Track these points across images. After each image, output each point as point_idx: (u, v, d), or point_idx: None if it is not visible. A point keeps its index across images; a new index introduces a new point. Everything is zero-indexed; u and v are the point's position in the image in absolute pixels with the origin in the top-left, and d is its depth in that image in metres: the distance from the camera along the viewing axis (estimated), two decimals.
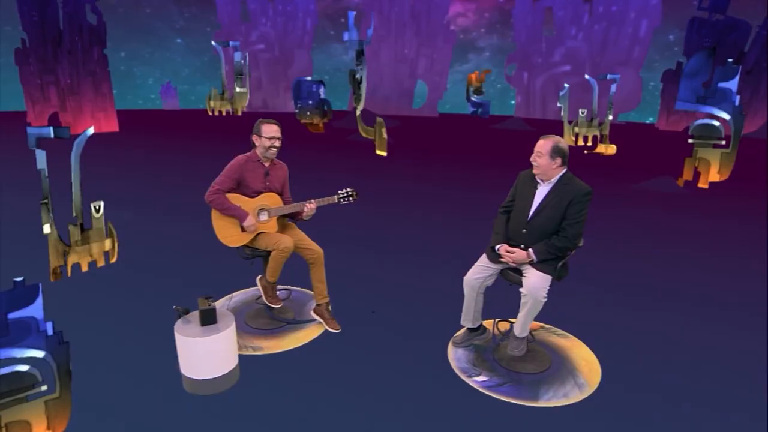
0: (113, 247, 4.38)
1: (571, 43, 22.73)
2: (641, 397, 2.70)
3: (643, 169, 9.28)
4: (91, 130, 4.09)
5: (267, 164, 3.37)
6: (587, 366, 2.93)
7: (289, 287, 4.03)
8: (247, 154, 3.30)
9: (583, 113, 11.79)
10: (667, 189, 7.90)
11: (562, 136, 9.08)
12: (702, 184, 7.96)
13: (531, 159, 2.88)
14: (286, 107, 25.09)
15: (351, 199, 3.35)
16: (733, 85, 7.53)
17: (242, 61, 20.53)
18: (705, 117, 7.96)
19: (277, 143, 3.28)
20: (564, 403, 2.60)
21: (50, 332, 2.10)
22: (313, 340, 3.22)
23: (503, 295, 3.36)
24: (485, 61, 34.64)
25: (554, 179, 2.87)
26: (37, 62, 13.82)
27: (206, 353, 2.61)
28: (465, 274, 3.11)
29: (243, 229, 3.24)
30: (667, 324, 3.51)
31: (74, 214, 4.11)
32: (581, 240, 2.92)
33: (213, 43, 21.89)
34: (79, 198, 4.11)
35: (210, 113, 20.68)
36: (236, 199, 3.24)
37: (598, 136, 12.00)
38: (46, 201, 3.86)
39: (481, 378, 2.81)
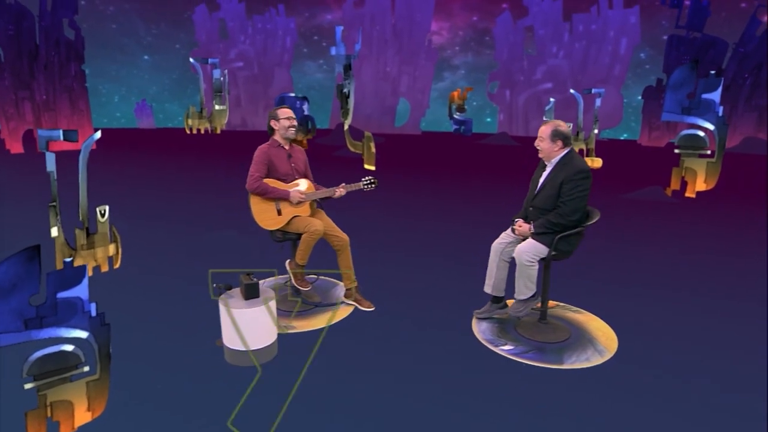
0: (117, 252, 4.48)
1: (552, 61, 23.51)
2: (658, 358, 3.09)
3: (630, 181, 9.67)
4: (98, 135, 4.22)
5: (287, 147, 3.79)
6: (604, 336, 3.33)
7: (315, 274, 4.35)
8: (267, 142, 3.68)
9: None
10: (656, 198, 8.27)
11: None
12: (689, 194, 8.34)
13: (535, 144, 3.29)
14: (265, 126, 25.29)
15: (373, 185, 3.74)
16: (716, 96, 7.98)
17: (221, 79, 20.70)
18: (688, 128, 8.40)
19: (294, 122, 3.65)
20: (587, 366, 2.90)
21: (93, 313, 2.22)
22: (342, 320, 3.55)
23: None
24: (461, 79, 35.47)
25: (555, 160, 3.25)
26: (12, 77, 13.80)
27: (249, 324, 2.84)
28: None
29: (279, 212, 3.53)
30: (674, 302, 3.89)
31: (80, 218, 4.21)
32: (585, 218, 3.25)
33: (191, 60, 22.05)
34: (85, 202, 4.22)
35: (188, 131, 20.72)
36: (274, 183, 3.59)
37: (584, 150, 12.43)
38: (54, 204, 3.96)
39: (508, 347, 3.13)
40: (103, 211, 4.30)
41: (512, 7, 25.29)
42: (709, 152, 8.21)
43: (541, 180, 3.36)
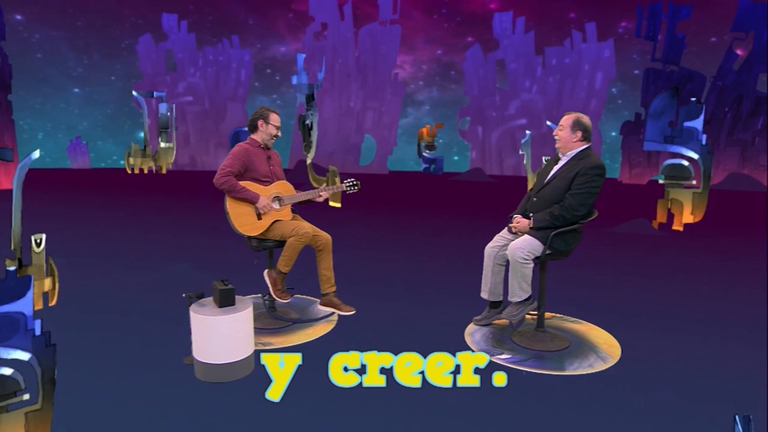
0: (54, 287, 4.33)
1: (525, 95, 24.40)
2: (667, 364, 3.29)
3: (613, 216, 9.97)
4: (36, 154, 4.15)
5: (266, 149, 3.97)
6: (606, 343, 3.41)
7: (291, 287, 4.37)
8: (247, 141, 3.77)
9: (546, 160, 12.63)
10: (644, 231, 8.53)
11: (525, 187, 9.69)
12: (676, 226, 8.64)
13: (553, 133, 3.45)
14: (217, 164, 25.16)
15: (356, 188, 3.86)
16: (698, 124, 8.42)
17: (168, 114, 20.71)
18: (671, 158, 8.79)
19: (279, 134, 3.79)
20: (590, 371, 2.97)
21: (38, 332, 2.14)
22: (324, 335, 3.54)
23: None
24: (425, 115, 36.32)
25: (572, 153, 3.38)
26: None
27: (225, 334, 2.82)
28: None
29: (259, 217, 3.53)
30: (675, 324, 4.03)
31: (12, 247, 4.07)
32: (592, 213, 3.36)
33: (134, 93, 22.05)
34: (18, 228, 4.10)
35: (129, 171, 20.48)
36: (250, 186, 3.62)
37: None
38: None
39: (505, 355, 3.17)
40: (38, 240, 4.18)
41: (481, 40, 26.35)
42: (694, 182, 8.57)
43: (553, 171, 3.49)
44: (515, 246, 3.30)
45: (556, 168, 3.50)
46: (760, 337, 3.96)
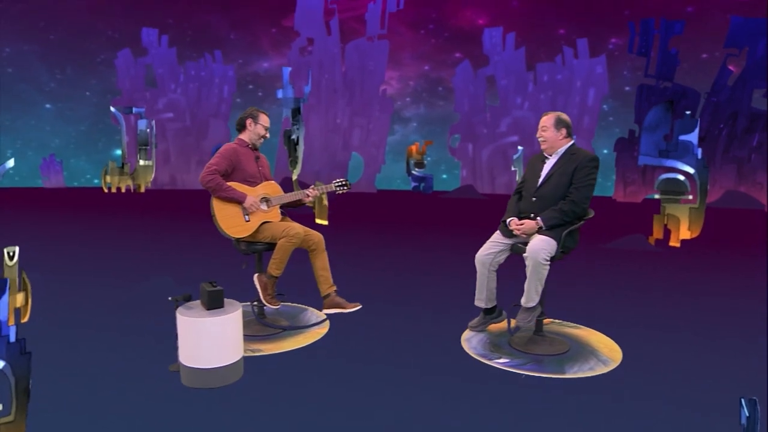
0: (26, 303, 4.28)
1: (517, 112, 24.67)
2: (669, 368, 3.36)
3: (608, 232, 10.04)
4: (11, 163, 4.13)
5: (254, 150, 4.02)
6: (607, 347, 3.42)
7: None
8: (235, 141, 3.81)
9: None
10: (640, 247, 8.59)
11: None
12: (673, 243, 8.72)
13: (537, 135, 3.56)
14: (198, 184, 25.15)
15: (345, 188, 3.92)
16: (693, 137, 8.56)
17: (148, 130, 20.70)
18: (666, 172, 8.91)
19: (268, 136, 3.85)
20: (591, 374, 2.98)
21: (12, 338, 2.11)
22: (316, 341, 3.54)
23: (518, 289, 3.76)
24: (412, 133, 36.48)
25: (561, 150, 3.47)
26: None
27: (213, 337, 2.81)
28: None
29: (247, 218, 3.54)
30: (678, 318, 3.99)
31: None
32: (589, 207, 3.42)
33: (112, 109, 22.04)
34: None
35: (106, 190, 20.37)
36: (237, 186, 3.64)
37: None
38: None
39: (503, 360, 3.18)
40: (11, 253, 4.14)
41: (471, 55, 26.67)
42: (691, 197, 8.68)
43: (546, 170, 3.55)
44: (536, 247, 3.33)
45: (547, 167, 3.58)
46: (761, 343, 4.01)
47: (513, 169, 13.49)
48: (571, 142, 3.59)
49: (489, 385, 3.02)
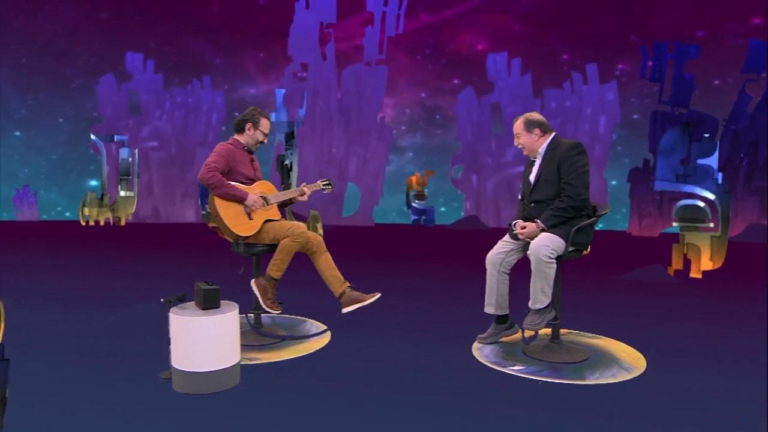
0: None
1: None
2: (695, 374, 3.40)
3: (623, 265, 10.09)
4: None
5: (249, 153, 4.24)
6: (629, 356, 3.42)
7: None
8: (230, 141, 3.93)
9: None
10: (658, 278, 8.63)
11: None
12: (695, 274, 8.76)
13: (515, 144, 3.65)
14: (184, 217, 25.20)
15: (330, 188, 4.15)
16: (713, 161, 8.69)
17: (130, 160, 20.86)
18: (685, 199, 9.02)
19: (266, 141, 3.99)
20: (613, 381, 2.99)
21: None
22: (317, 350, 3.54)
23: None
24: (409, 163, 36.72)
25: (542, 149, 3.60)
26: None
27: (208, 338, 2.81)
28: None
29: (249, 217, 3.62)
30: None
31: None
32: (587, 196, 3.51)
33: (93, 137, 22.21)
34: None
35: (83, 223, 20.39)
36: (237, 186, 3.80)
37: None
38: None
39: (518, 367, 3.19)
40: None
41: (471, 81, 27.08)
42: (711, 225, 8.76)
43: (534, 173, 3.65)
44: (539, 243, 3.41)
45: (535, 169, 3.71)
46: None
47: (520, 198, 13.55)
48: (550, 137, 3.74)
49: (503, 391, 3.04)
